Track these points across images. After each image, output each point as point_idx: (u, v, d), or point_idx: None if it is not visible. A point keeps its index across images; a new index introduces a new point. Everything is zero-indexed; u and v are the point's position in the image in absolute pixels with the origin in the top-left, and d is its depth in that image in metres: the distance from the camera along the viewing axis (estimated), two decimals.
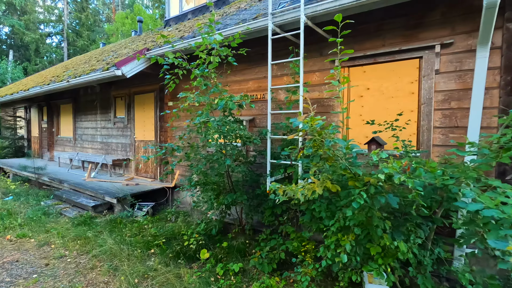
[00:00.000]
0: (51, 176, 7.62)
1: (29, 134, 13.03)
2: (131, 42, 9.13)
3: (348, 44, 4.21)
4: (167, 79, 3.94)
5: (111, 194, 5.73)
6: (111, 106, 8.40)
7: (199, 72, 3.65)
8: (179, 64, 3.80)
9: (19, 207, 6.20)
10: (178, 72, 3.84)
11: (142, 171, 7.49)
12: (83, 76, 6.05)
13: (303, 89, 3.57)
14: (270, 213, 4.01)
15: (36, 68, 28.48)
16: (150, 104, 7.17)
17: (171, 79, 3.90)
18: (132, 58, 5.42)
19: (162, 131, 6.75)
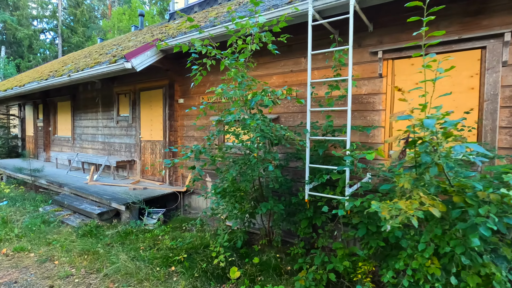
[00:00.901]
0: (49, 179, 7.04)
1: (23, 133, 12.37)
2: (134, 36, 8.57)
3: (392, 33, 3.76)
4: (193, 70, 3.41)
5: (118, 200, 5.20)
6: (113, 103, 7.83)
7: (233, 62, 3.14)
8: (208, 53, 3.29)
9: (15, 214, 5.62)
10: (206, 62, 3.31)
11: (149, 173, 6.95)
12: (86, 70, 5.49)
13: (351, 83, 3.10)
14: (306, 224, 3.53)
15: (29, 65, 27.60)
16: (158, 101, 6.63)
17: (198, 69, 3.37)
18: (143, 49, 4.89)
19: (172, 131, 6.22)
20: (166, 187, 6.20)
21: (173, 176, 6.27)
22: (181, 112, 6.21)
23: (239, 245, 3.92)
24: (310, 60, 3.37)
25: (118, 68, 4.84)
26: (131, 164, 7.38)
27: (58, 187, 6.59)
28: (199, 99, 5.89)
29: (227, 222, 4.72)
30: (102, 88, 8.22)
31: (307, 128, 3.35)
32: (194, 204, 6.05)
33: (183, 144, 6.21)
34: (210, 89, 3.58)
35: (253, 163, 3.20)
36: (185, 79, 6.13)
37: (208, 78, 5.70)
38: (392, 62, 3.76)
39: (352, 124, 3.76)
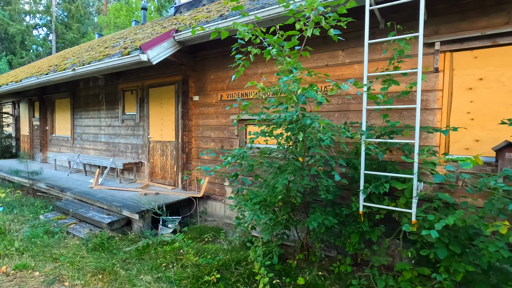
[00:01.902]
0: (49, 183, 6.48)
1: (17, 133, 11.70)
2: (140, 30, 8.02)
3: (451, 22, 3.32)
4: (236, 59, 2.93)
5: (130, 207, 4.69)
6: (118, 101, 7.29)
7: (283, 51, 2.67)
8: (253, 41, 2.81)
9: (13, 223, 5.07)
10: (250, 51, 2.83)
11: (159, 176, 6.43)
12: (94, 64, 4.96)
13: (420, 77, 2.65)
14: (358, 239, 3.08)
15: (22, 61, 26.67)
16: (170, 98, 6.12)
17: (242, 59, 2.90)
18: (159, 40, 4.38)
19: (185, 131, 5.72)
20: (179, 191, 5.69)
21: (187, 180, 5.77)
22: (196, 110, 5.72)
23: (275, 261, 3.45)
24: (367, 50, 2.92)
25: (131, 60, 4.33)
26: (138, 166, 6.86)
27: (59, 191, 6.04)
28: (217, 97, 5.40)
29: (253, 232, 4.27)
30: (105, 85, 7.67)
31: (363, 129, 2.90)
32: (210, 211, 5.57)
33: (198, 146, 5.71)
34: (249, 83, 3.09)
35: (297, 169, 2.74)
36: (200, 74, 5.64)
37: (228, 74, 5.23)
38: (451, 54, 3.33)
39: (401, 124, 3.33)
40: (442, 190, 3.21)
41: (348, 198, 3.57)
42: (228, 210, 5.32)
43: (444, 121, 3.37)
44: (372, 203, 2.93)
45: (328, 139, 2.39)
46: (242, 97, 5.03)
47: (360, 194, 2.90)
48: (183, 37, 4.59)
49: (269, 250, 3.68)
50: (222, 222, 5.33)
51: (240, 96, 5.05)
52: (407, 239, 2.86)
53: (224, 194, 5.37)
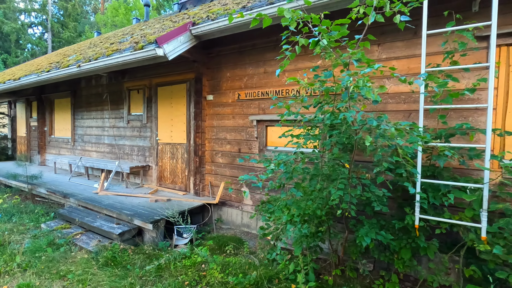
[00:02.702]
0: (50, 188, 6.05)
1: (14, 134, 11.21)
2: (146, 26, 7.62)
3: (507, 13, 3.00)
4: (283, 50, 2.57)
5: (142, 216, 4.30)
6: (123, 100, 6.89)
7: (333, 42, 2.31)
8: (301, 28, 2.45)
9: (13, 233, 4.65)
10: (298, 41, 2.47)
11: (168, 181, 6.04)
12: (102, 59, 4.56)
13: (493, 72, 2.32)
14: (409, 256, 2.73)
15: (17, 60, 26.05)
16: (181, 98, 5.74)
17: (290, 49, 2.54)
18: (176, 33, 4.00)
19: (198, 132, 5.34)
20: (191, 197, 5.31)
21: (200, 184, 5.39)
22: (210, 110, 5.34)
23: (311, 278, 3.09)
24: (425, 42, 2.57)
25: (145, 56, 3.94)
26: (145, 170, 6.46)
27: (61, 197, 5.62)
28: (233, 96, 5.03)
29: (280, 243, 3.92)
30: (109, 83, 7.26)
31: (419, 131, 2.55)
32: (226, 218, 5.19)
33: (212, 148, 5.34)
34: (289, 79, 2.73)
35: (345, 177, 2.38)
36: (215, 72, 5.27)
37: (246, 71, 4.87)
38: (507, 49, 3.01)
39: (448, 126, 2.99)
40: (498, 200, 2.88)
41: (391, 208, 3.22)
42: (246, 217, 4.96)
43: (499, 122, 3.04)
44: (426, 214, 2.59)
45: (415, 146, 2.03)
46: (263, 96, 4.67)
47: (416, 205, 2.55)
48: (201, 30, 4.22)
49: (301, 264, 3.32)
50: (239, 231, 4.96)
51: (260, 95, 4.69)
52: (469, 256, 2.52)
53: (241, 201, 5.00)
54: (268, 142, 4.70)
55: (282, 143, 4.53)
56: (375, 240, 2.75)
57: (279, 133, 4.55)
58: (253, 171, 4.81)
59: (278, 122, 4.54)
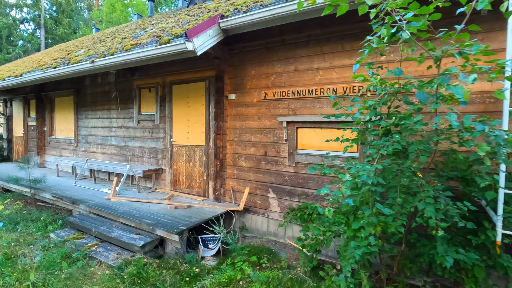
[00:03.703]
0: (56, 193, 5.63)
1: (9, 134, 10.66)
2: (158, 21, 7.22)
3: None
4: (364, 41, 2.25)
5: (165, 225, 3.94)
6: (133, 99, 6.49)
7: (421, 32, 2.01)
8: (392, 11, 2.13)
9: (20, 244, 4.25)
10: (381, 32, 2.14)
11: (184, 185, 5.68)
12: (119, 54, 4.17)
13: None
14: (484, 275, 2.45)
15: (8, 57, 25.17)
16: (199, 97, 5.38)
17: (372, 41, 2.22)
18: (205, 26, 3.65)
19: (219, 134, 5.00)
20: (211, 203, 4.96)
21: (220, 190, 5.05)
22: (232, 110, 5.00)
23: None
24: (511, 30, 2.28)
25: (172, 50, 3.59)
26: (158, 173, 6.08)
27: (70, 203, 5.21)
28: (259, 95, 4.70)
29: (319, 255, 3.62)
30: (117, 81, 6.85)
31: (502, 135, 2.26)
32: (250, 226, 4.87)
33: (235, 151, 5.00)
34: (353, 76, 2.41)
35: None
36: (238, 69, 4.93)
37: (274, 68, 4.54)
38: None
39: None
40: None
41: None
42: (272, 225, 4.64)
43: None
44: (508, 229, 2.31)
45: None
46: (294, 95, 4.35)
47: (498, 219, 2.27)
48: (231, 23, 3.88)
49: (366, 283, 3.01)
50: (266, 240, 4.64)
51: (290, 94, 4.37)
52: None
53: (267, 207, 4.67)
54: (299, 145, 4.39)
55: (315, 146, 4.23)
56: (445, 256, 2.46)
57: (312, 135, 4.25)
58: (282, 176, 4.51)
59: (310, 124, 4.24)
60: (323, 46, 4.11)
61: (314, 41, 4.18)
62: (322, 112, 4.11)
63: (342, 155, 3.96)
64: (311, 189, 4.26)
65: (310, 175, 4.25)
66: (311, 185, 4.25)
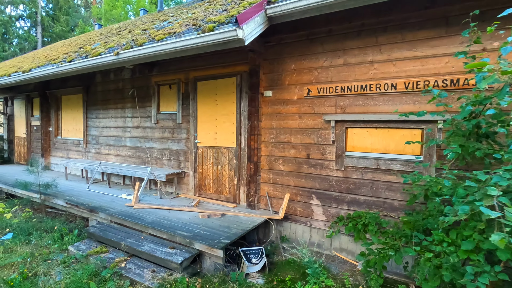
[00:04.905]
0: (70, 199, 5.13)
1: (10, 134, 10.09)
2: (177, 13, 6.74)
3: None
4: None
5: (205, 238, 3.49)
6: (151, 97, 6.01)
7: None
8: None
9: (36, 259, 3.76)
10: None
11: (211, 190, 5.22)
12: (150, 45, 3.69)
13: None
14: None
15: (5, 55, 24.40)
16: (228, 94, 4.93)
17: None
18: (253, 12, 3.21)
19: (253, 134, 4.55)
20: (245, 211, 4.52)
21: (255, 196, 4.60)
22: (268, 109, 4.56)
23: None
24: None
25: (217, 39, 3.13)
26: (180, 177, 5.61)
27: (87, 211, 4.72)
28: (300, 92, 4.27)
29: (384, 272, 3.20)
30: (132, 78, 6.36)
31: None
32: (289, 235, 4.43)
33: (271, 153, 4.56)
34: (466, 65, 1.98)
35: None
36: (274, 64, 4.49)
37: (318, 62, 4.11)
38: None
39: None
40: None
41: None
42: (315, 235, 4.20)
43: None
44: None
45: None
46: (342, 92, 3.92)
47: None
48: (280, 10, 3.43)
49: None
50: (308, 251, 4.19)
51: (339, 91, 3.93)
52: None
53: (310, 215, 4.24)
54: (348, 147, 3.96)
55: (368, 149, 3.81)
56: None
57: (365, 136, 3.83)
58: (328, 181, 4.08)
59: (363, 123, 3.81)
60: (378, 37, 3.68)
61: (367, 31, 3.76)
62: (376, 110, 3.70)
63: (403, 158, 3.56)
64: (363, 195, 3.83)
65: (362, 180, 3.83)
66: (363, 191, 3.83)
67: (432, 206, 2.76)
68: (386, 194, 3.67)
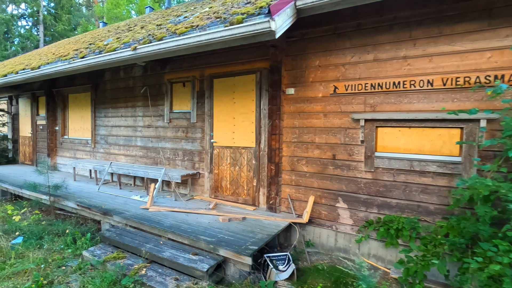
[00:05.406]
0: (81, 201, 4.94)
1: (15, 134, 9.89)
2: (190, 8, 6.54)
3: None
4: None
5: (230, 244, 3.29)
6: (164, 95, 5.81)
7: None
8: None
9: (50, 265, 3.56)
10: None
11: (228, 192, 5.01)
12: (171, 39, 3.48)
13: None
14: None
15: (6, 54, 24.19)
16: (247, 92, 4.73)
17: None
18: (284, 3, 3.00)
19: (274, 134, 4.36)
20: (266, 214, 4.32)
21: (276, 198, 4.40)
22: (290, 107, 4.36)
23: None
24: None
25: (247, 32, 2.93)
26: (194, 178, 5.41)
27: (100, 214, 4.52)
28: (326, 89, 4.06)
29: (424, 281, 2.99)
30: (144, 75, 6.16)
31: None
32: (312, 240, 4.23)
33: (293, 154, 4.35)
34: None
35: None
36: (297, 60, 4.29)
37: (346, 58, 3.91)
38: None
39: None
40: None
41: None
42: (342, 240, 4.00)
43: None
44: None
45: None
46: (372, 89, 3.71)
47: None
48: (311, 1, 3.21)
49: None
50: (334, 257, 4.00)
51: (369, 88, 3.73)
52: None
53: (335, 219, 4.04)
54: (378, 147, 3.75)
55: (400, 149, 3.60)
56: None
57: (397, 136, 3.62)
58: (356, 184, 3.87)
59: (395, 122, 3.60)
60: (412, 31, 3.48)
61: (400, 25, 3.55)
62: (410, 108, 3.49)
63: (439, 159, 3.35)
64: (395, 198, 3.63)
65: (394, 182, 3.62)
66: (395, 194, 3.62)
67: (482, 211, 2.55)
68: (421, 197, 3.47)
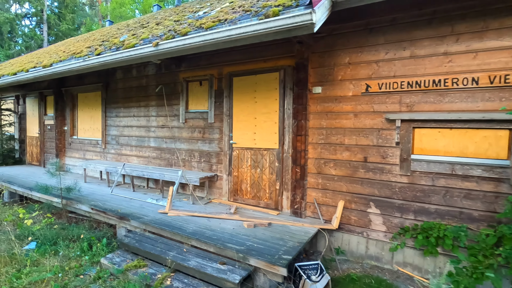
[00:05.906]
0: (96, 204, 4.73)
1: (22, 134, 9.72)
2: (202, 5, 6.33)
3: None
4: None
5: (261, 253, 3.07)
6: (179, 94, 5.61)
7: None
8: None
9: (67, 273, 3.35)
10: None
11: (248, 195, 4.80)
12: (196, 34, 3.27)
13: None
14: None
15: (10, 53, 24.08)
16: (270, 91, 4.51)
17: None
18: None
19: (300, 135, 4.14)
20: (291, 219, 4.10)
21: (301, 202, 4.18)
22: (317, 107, 4.14)
23: None
24: None
25: (284, 25, 2.70)
26: (212, 181, 5.20)
27: (116, 218, 4.31)
28: (357, 88, 3.84)
29: None
30: (157, 74, 5.96)
31: None
32: (341, 247, 4.01)
33: (320, 156, 4.14)
34: None
35: None
36: (325, 57, 4.08)
37: (379, 54, 3.69)
38: None
39: None
40: None
41: None
42: (373, 247, 3.78)
43: None
44: None
45: None
46: (409, 88, 3.49)
47: None
48: None
49: None
50: (366, 265, 3.77)
51: (406, 86, 3.51)
52: None
53: (367, 225, 3.82)
54: (415, 150, 3.53)
55: (440, 152, 3.38)
56: None
57: (436, 137, 3.40)
58: (390, 188, 3.65)
59: (435, 123, 3.37)
60: (455, 25, 3.25)
61: (440, 19, 3.33)
62: (451, 108, 3.27)
63: (485, 162, 3.13)
64: (434, 204, 3.40)
65: (433, 186, 3.40)
66: (434, 199, 3.40)
67: None
68: (463, 203, 3.25)
